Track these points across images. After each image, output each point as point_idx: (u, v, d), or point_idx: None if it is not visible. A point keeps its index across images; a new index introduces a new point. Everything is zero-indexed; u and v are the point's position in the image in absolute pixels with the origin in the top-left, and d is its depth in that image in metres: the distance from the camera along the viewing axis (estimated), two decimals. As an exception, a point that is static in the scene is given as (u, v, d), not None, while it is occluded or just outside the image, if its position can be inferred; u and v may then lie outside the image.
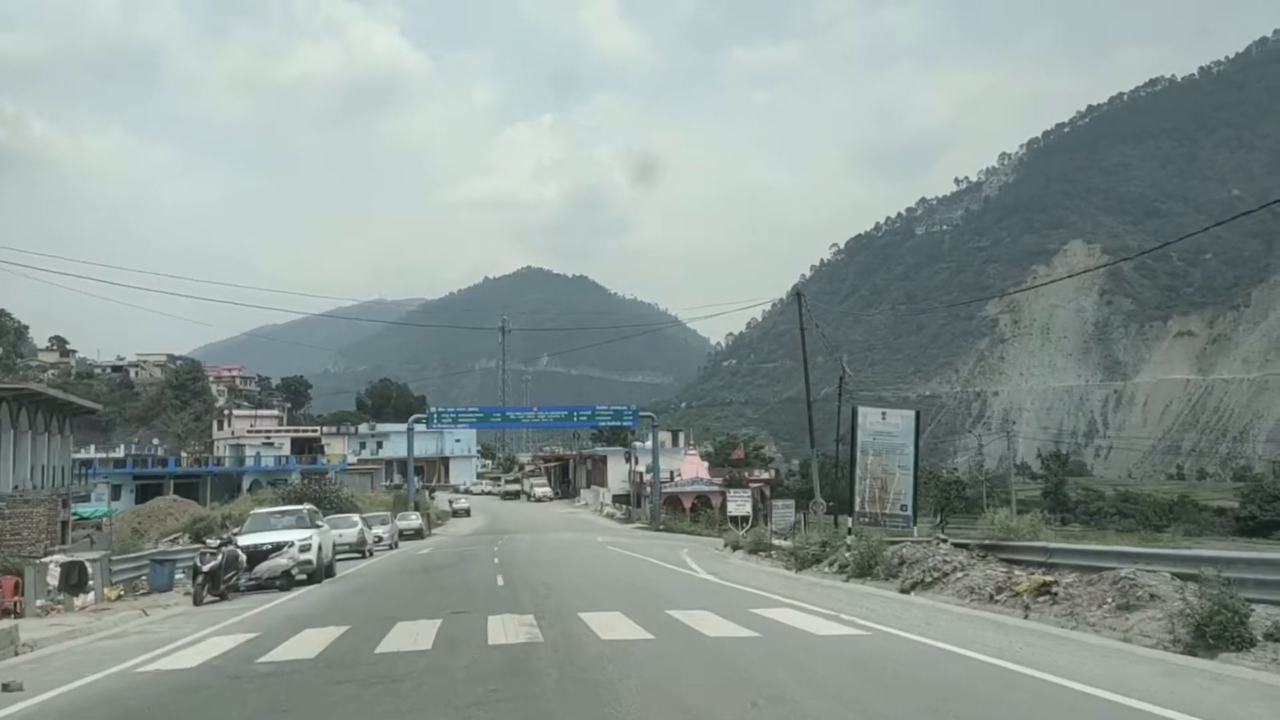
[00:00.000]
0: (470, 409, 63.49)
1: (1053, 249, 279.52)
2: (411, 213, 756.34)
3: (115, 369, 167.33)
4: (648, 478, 73.79)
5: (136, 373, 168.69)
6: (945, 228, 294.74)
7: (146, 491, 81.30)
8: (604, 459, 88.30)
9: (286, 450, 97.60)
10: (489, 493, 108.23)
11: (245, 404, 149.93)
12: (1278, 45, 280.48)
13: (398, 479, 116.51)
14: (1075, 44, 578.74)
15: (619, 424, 65.11)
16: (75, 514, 71.92)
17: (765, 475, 75.27)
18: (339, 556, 38.82)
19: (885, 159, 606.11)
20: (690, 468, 74.55)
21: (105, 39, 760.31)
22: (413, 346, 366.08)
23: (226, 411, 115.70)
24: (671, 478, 72.33)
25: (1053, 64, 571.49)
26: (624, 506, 76.00)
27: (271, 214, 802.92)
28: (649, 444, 75.25)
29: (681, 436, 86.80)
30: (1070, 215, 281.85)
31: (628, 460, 71.97)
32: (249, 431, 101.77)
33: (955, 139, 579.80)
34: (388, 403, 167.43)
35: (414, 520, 58.69)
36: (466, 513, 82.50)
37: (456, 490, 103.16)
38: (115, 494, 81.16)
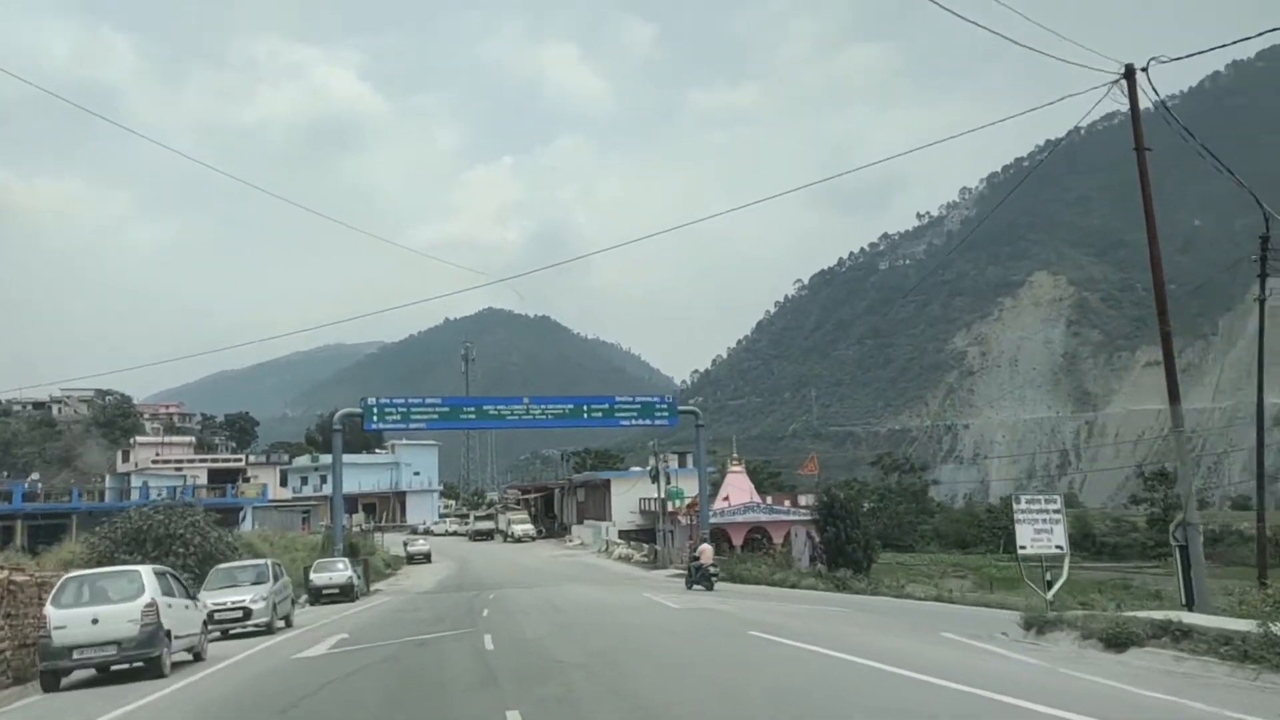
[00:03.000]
0: (431, 399, 39.45)
1: (1018, 281, 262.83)
2: (370, 256, 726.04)
3: (37, 406, 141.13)
4: (677, 506, 49.97)
5: (60, 410, 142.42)
6: (908, 262, 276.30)
7: (-12, 537, 56.43)
8: (605, 484, 64.39)
9: (204, 482, 72.58)
10: (455, 533, 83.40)
11: (202, 450, 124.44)
12: (1230, 79, 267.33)
13: (353, 519, 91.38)
14: (1024, 83, 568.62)
15: (649, 422, 41.53)
16: None
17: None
18: (114, 666, 14.76)
19: (843, 196, 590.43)
20: (739, 490, 50.98)
21: (61, 84, 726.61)
22: (372, 390, 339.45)
23: (130, 440, 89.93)
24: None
25: (1003, 103, 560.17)
26: (644, 546, 51.98)
27: (228, 258, 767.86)
28: (658, 464, 51.40)
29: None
30: (1034, 247, 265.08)
31: (654, 479, 48.43)
32: (154, 462, 76.33)
33: (912, 176, 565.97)
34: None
35: (340, 573, 34.40)
36: (426, 558, 58.25)
37: (414, 532, 78.60)
38: (-58, 541, 55.45)
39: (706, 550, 33.90)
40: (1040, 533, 16.19)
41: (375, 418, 38.29)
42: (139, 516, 29.70)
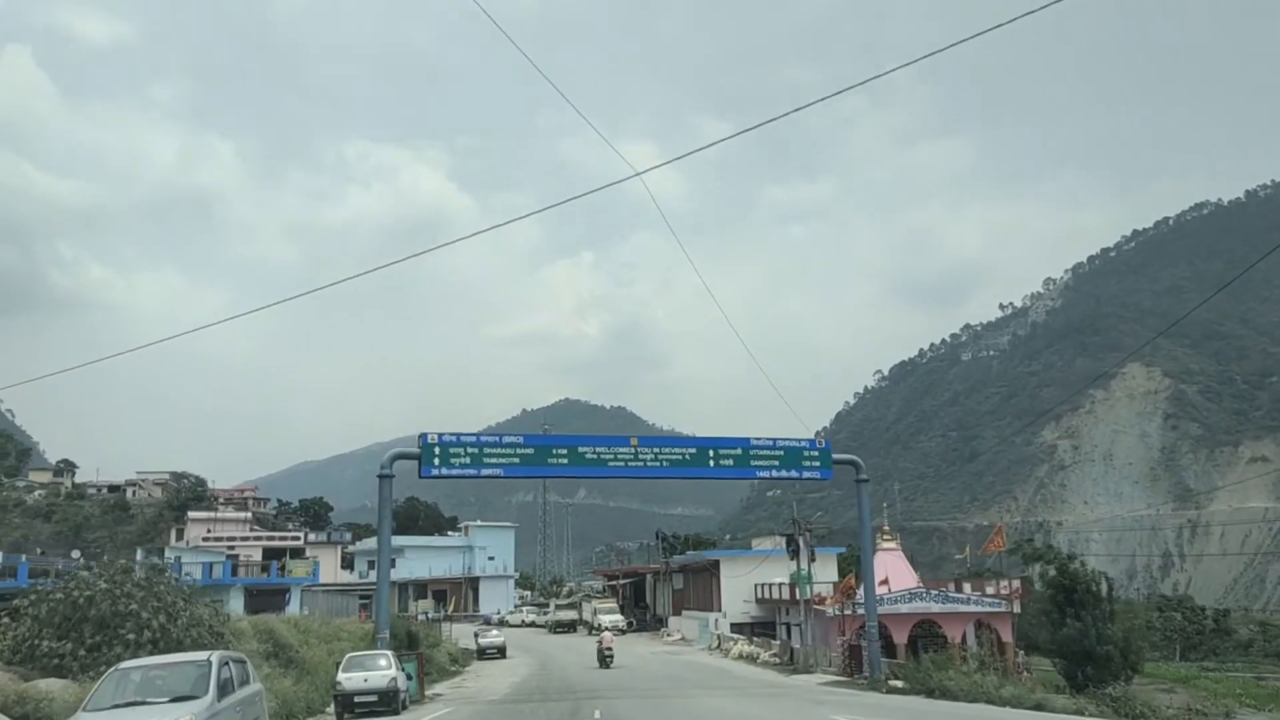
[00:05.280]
0: (510, 438, 28.92)
1: (1110, 373, 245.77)
2: (451, 350, 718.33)
3: (112, 489, 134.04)
4: (819, 594, 38.01)
5: (134, 493, 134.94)
6: (992, 353, 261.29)
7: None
8: (713, 567, 52.28)
9: (258, 560, 62.36)
10: (532, 624, 71.48)
11: (257, 527, 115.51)
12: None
13: (419, 606, 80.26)
14: (1102, 180, 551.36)
15: (796, 474, 30.18)
16: None
17: (1009, 587, 38.83)
18: None
19: (922, 289, 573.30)
20: (900, 572, 38.72)
21: (163, 186, 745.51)
22: (449, 482, 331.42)
23: (186, 516, 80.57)
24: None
25: (1083, 198, 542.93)
26: (771, 642, 39.94)
27: (315, 353, 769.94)
28: (798, 534, 39.36)
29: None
30: (1125, 338, 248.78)
31: (794, 555, 36.55)
32: (204, 539, 66.45)
33: (992, 270, 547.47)
34: (414, 523, 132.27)
35: (380, 672, 23.28)
36: (500, 652, 46.76)
37: (488, 622, 67.10)
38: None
39: (607, 636, 40.41)
40: None
41: (436, 461, 27.49)
42: (77, 587, 19.07)
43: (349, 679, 22.96)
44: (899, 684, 28.04)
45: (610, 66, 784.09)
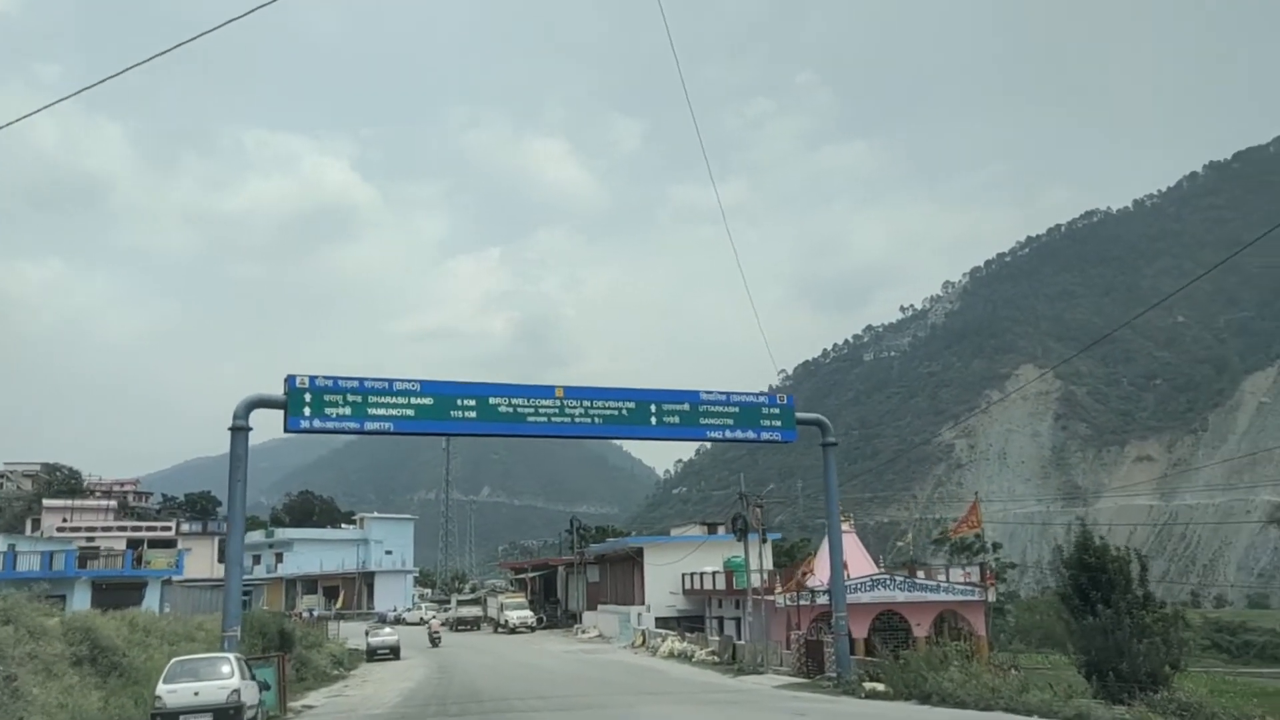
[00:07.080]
0: (403, 384, 23.17)
1: (1004, 374, 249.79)
2: (353, 344, 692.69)
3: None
4: (766, 581, 32.64)
5: (2, 485, 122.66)
6: (893, 354, 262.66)
7: None
8: (635, 555, 46.43)
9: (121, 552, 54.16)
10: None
11: (125, 517, 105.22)
12: (1209, 179, 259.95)
13: (307, 601, 72.72)
14: (1002, 186, 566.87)
15: (753, 435, 24.40)
16: None
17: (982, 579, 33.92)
18: None
19: (827, 290, 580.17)
20: (857, 558, 33.51)
21: (47, 170, 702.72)
22: (348, 479, 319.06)
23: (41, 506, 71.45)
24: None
25: (983, 203, 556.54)
26: (708, 639, 34.40)
27: (210, 344, 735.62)
28: (746, 513, 33.97)
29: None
30: (1019, 341, 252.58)
31: (740, 535, 31.05)
32: (59, 530, 57.91)
33: (894, 272, 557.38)
34: (309, 517, 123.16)
35: (218, 683, 16.80)
36: (392, 653, 40.14)
37: (382, 619, 60.13)
38: None
39: (434, 623, 50.56)
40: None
41: (307, 410, 21.03)
42: None
43: (173, 692, 16.49)
44: (879, 687, 22.73)
45: (522, 60, 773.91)
